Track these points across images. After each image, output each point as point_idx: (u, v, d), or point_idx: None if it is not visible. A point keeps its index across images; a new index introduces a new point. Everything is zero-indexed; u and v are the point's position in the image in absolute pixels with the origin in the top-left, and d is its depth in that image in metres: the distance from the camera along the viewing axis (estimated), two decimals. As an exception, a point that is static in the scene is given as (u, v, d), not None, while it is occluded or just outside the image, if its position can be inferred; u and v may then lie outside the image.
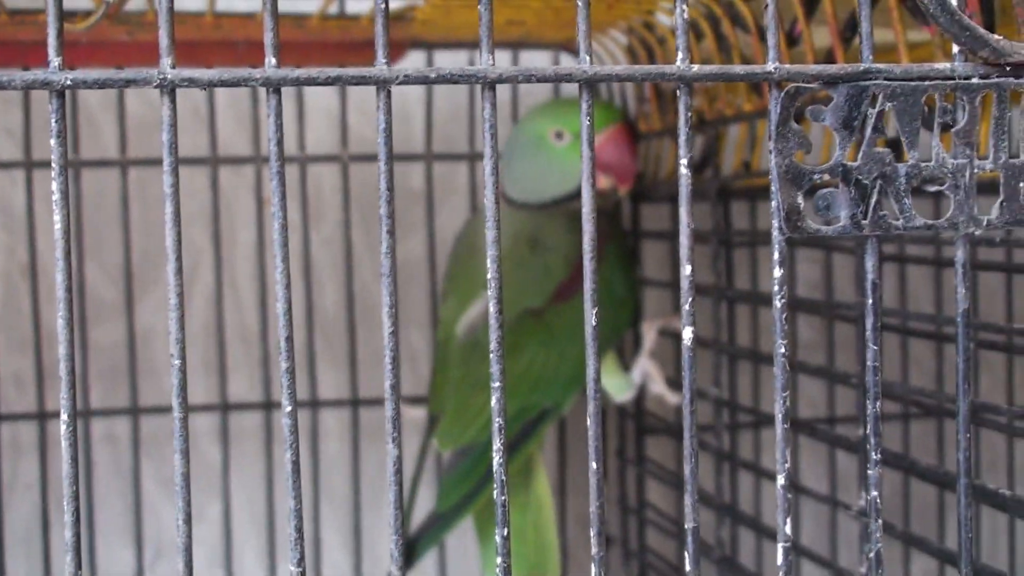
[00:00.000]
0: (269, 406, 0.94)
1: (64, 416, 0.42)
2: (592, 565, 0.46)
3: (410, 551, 0.86)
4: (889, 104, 0.47)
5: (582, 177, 0.46)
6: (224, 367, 0.93)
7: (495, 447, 0.46)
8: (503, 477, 0.46)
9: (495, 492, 0.46)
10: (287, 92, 0.96)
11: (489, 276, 0.46)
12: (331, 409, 0.97)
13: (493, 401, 0.46)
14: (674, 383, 0.90)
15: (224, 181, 0.96)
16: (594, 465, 0.46)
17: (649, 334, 0.90)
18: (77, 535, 0.42)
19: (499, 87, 1.04)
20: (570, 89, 0.98)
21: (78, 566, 0.42)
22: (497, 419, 0.45)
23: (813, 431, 0.77)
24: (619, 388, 0.88)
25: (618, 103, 0.93)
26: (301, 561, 0.44)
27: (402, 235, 0.97)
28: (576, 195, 0.87)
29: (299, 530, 0.44)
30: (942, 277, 0.96)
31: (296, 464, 0.44)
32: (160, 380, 0.97)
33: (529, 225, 0.87)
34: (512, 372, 0.85)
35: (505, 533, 0.46)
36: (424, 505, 0.90)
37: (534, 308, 0.86)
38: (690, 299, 0.46)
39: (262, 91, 0.92)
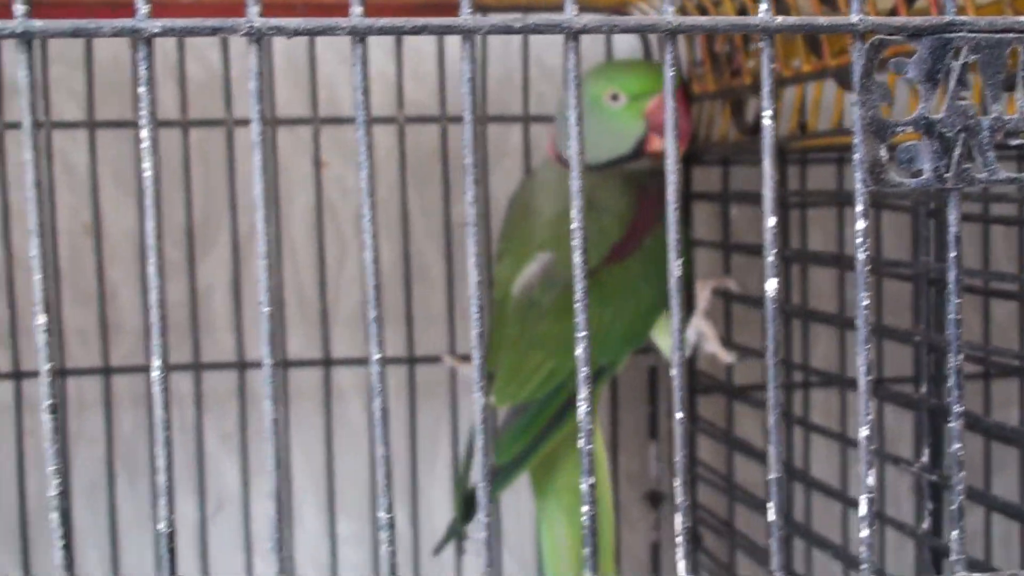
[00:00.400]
0: (328, 363, 0.93)
1: (156, 361, 0.41)
2: (676, 514, 0.45)
3: (469, 505, 0.85)
4: (973, 56, 0.46)
5: (665, 127, 0.45)
6: (283, 326, 0.92)
7: (581, 396, 0.45)
8: (590, 426, 0.45)
9: (581, 441, 0.45)
10: (343, 57, 0.95)
11: (574, 226, 0.45)
12: (388, 366, 0.95)
13: (579, 351, 0.45)
14: (727, 342, 0.89)
15: (281, 143, 0.95)
16: (679, 415, 0.45)
17: (702, 294, 0.88)
18: (170, 479, 0.41)
19: (550, 52, 1.02)
20: (621, 53, 0.97)
21: (171, 510, 0.41)
22: (583, 368, 0.44)
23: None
24: (673, 347, 0.87)
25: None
26: (391, 507, 0.43)
27: (456, 197, 0.96)
28: (631, 156, 0.85)
29: (389, 476, 0.43)
30: (989, 234, 0.94)
31: (385, 412, 0.43)
32: (220, 338, 0.96)
33: (584, 187, 0.86)
34: (569, 331, 0.84)
35: (592, 482, 0.45)
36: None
37: (589, 268, 0.84)
38: (774, 251, 0.45)
39: (321, 53, 0.92)
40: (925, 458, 0.66)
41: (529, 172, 0.94)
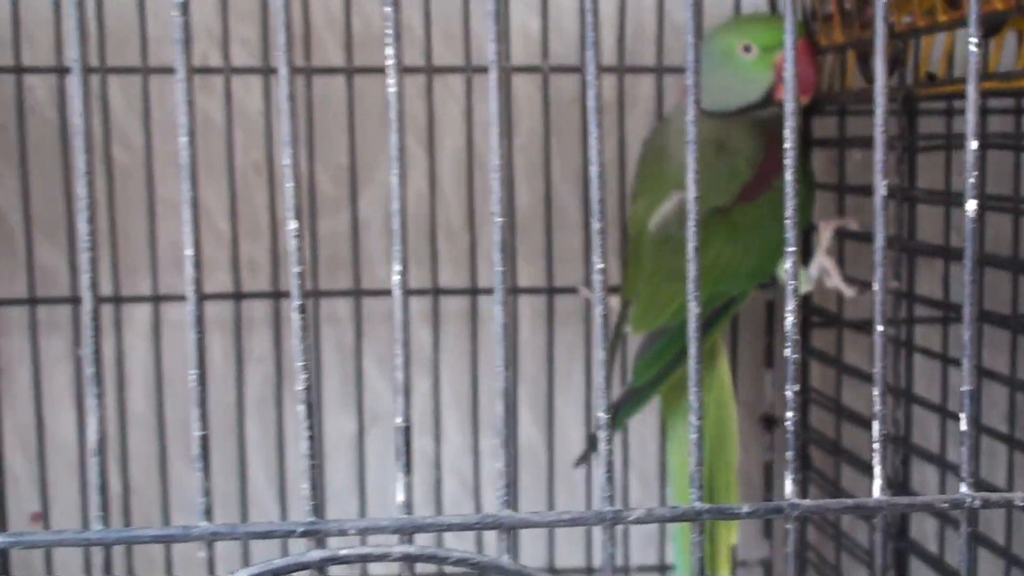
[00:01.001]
0: (475, 292, 0.92)
1: (397, 265, 0.39)
2: (876, 442, 0.42)
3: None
4: None
5: (875, 65, 0.42)
6: (436, 258, 0.91)
7: (789, 308, 0.42)
8: (796, 337, 0.42)
9: (787, 350, 0.42)
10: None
11: (787, 145, 0.42)
12: (527, 297, 0.94)
13: (788, 264, 0.42)
14: (845, 278, 0.86)
15: (434, 91, 0.93)
16: (880, 328, 0.42)
17: (825, 233, 0.85)
18: (407, 377, 0.40)
19: (677, 9, 0.98)
20: (748, 9, 0.94)
21: (408, 407, 0.39)
22: (792, 281, 0.42)
23: (1002, 321, 0.72)
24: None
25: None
26: (610, 408, 0.41)
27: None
28: (760, 104, 0.83)
29: (608, 379, 0.41)
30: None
31: (607, 317, 0.41)
32: (374, 267, 0.95)
33: (716, 131, 0.83)
34: (701, 265, 0.81)
35: (796, 388, 0.42)
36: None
37: (721, 207, 0.82)
38: (975, 173, 0.42)
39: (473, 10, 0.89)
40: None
41: (661, 118, 0.91)
